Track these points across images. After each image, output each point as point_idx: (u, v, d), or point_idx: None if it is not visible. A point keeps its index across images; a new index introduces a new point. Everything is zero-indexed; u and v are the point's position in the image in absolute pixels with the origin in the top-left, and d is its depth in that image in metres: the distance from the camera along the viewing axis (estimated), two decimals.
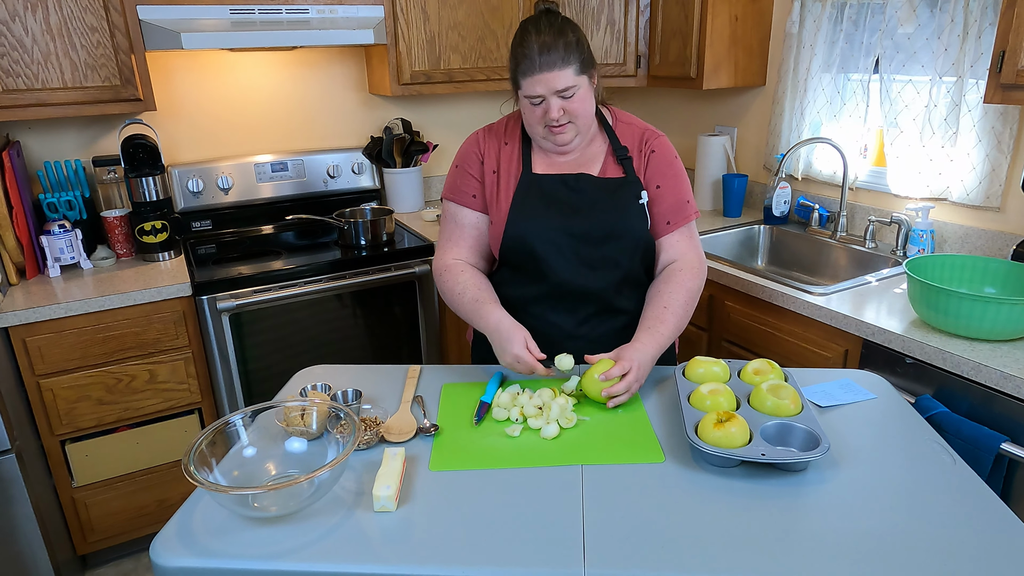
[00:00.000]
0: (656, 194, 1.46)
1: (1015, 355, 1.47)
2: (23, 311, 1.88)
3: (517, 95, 1.40)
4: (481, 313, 1.38)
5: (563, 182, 1.44)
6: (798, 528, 0.95)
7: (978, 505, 0.99)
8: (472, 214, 1.50)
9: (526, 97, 1.37)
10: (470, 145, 1.51)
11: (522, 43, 1.34)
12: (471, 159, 1.50)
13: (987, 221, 2.00)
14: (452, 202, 1.52)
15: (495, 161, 1.49)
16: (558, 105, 1.35)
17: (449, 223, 1.53)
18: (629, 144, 1.47)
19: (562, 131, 1.39)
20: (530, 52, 1.32)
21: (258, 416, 1.14)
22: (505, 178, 1.47)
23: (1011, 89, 1.58)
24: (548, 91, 1.33)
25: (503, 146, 1.49)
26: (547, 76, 1.31)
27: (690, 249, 1.47)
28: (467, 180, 1.50)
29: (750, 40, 2.48)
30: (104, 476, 2.11)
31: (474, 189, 1.49)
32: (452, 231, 1.52)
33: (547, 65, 1.31)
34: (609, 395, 1.26)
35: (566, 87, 1.33)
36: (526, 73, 1.33)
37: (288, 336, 2.26)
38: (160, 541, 0.96)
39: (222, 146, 2.64)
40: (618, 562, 0.90)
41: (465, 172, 1.50)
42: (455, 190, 1.51)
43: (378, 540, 0.95)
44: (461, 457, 1.14)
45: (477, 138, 1.52)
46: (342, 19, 2.33)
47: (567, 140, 1.41)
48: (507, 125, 1.52)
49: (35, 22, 1.95)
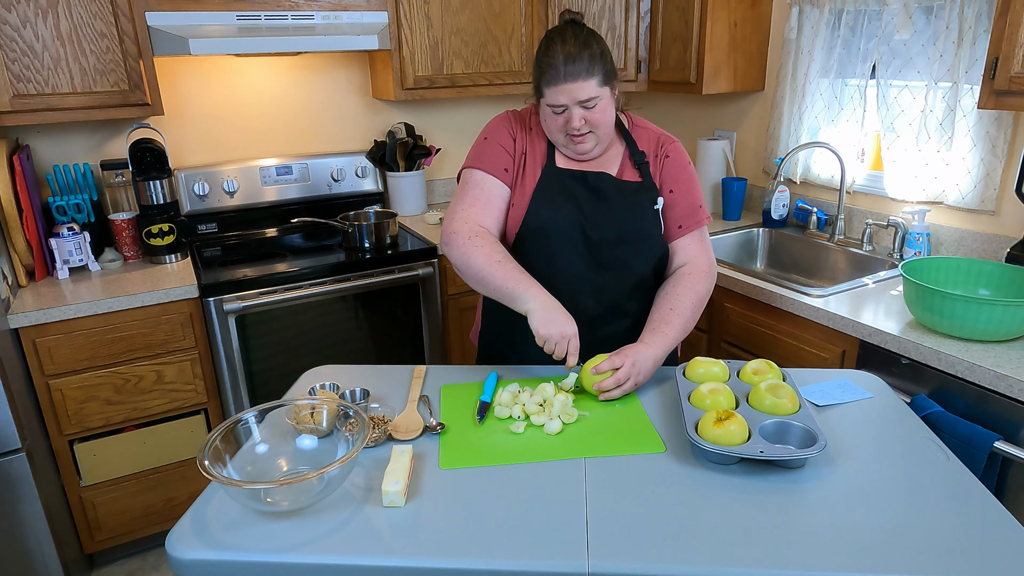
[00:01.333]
0: (669, 198, 1.47)
1: (1008, 355, 1.50)
2: (33, 312, 1.91)
3: (539, 102, 1.41)
4: (525, 284, 1.31)
5: (584, 179, 1.45)
6: (795, 523, 0.98)
7: (971, 500, 1.02)
8: (501, 187, 1.45)
9: (549, 106, 1.37)
10: (502, 121, 1.49)
11: (547, 52, 1.34)
12: (504, 135, 1.47)
13: (982, 224, 2.03)
14: (480, 171, 1.45)
15: (524, 143, 1.48)
16: (580, 115, 1.35)
17: (474, 189, 1.44)
18: (646, 149, 1.49)
19: (583, 140, 1.40)
20: (555, 62, 1.32)
21: (269, 414, 1.17)
22: (532, 164, 1.46)
23: (1004, 95, 1.61)
24: (571, 101, 1.34)
25: (529, 132, 1.49)
26: (571, 87, 1.32)
27: (701, 253, 1.48)
28: (500, 154, 1.45)
29: (749, 46, 2.51)
30: (112, 475, 2.14)
31: (507, 163, 1.45)
32: (477, 197, 1.43)
33: (571, 76, 1.32)
34: (599, 389, 1.28)
35: (589, 98, 1.34)
36: (550, 83, 1.34)
37: (293, 337, 2.29)
38: (175, 534, 0.99)
39: (228, 150, 2.67)
40: (621, 554, 0.92)
41: (498, 145, 1.46)
42: (485, 160, 1.45)
43: (387, 534, 0.98)
44: (469, 454, 1.17)
45: (507, 117, 1.49)
46: (347, 25, 2.37)
47: (587, 149, 1.42)
48: (531, 115, 1.51)
49: (46, 28, 1.98)
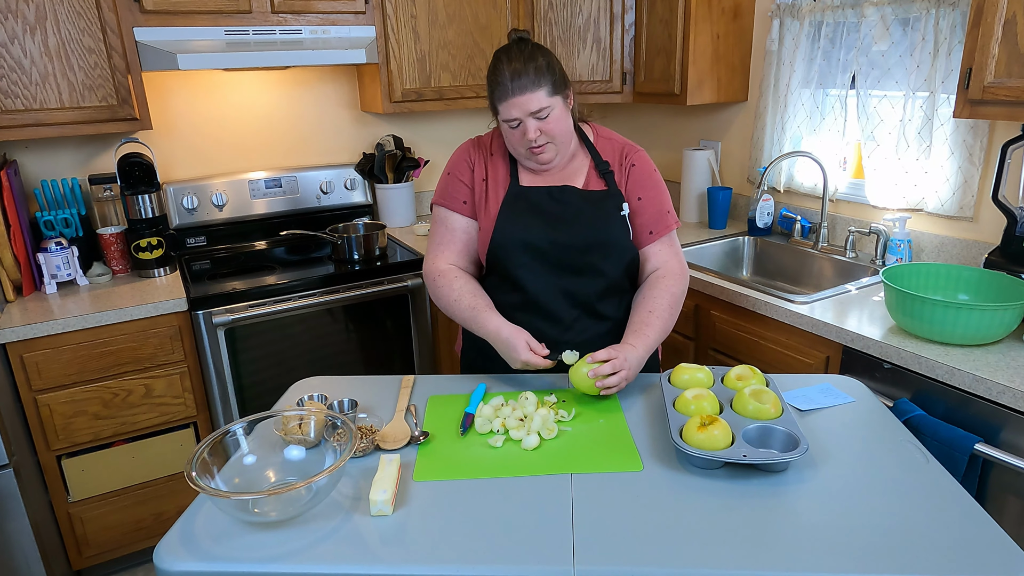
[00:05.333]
0: (638, 206, 1.52)
1: (987, 359, 1.52)
2: (20, 327, 1.91)
3: (497, 120, 1.46)
4: (479, 320, 1.44)
5: (548, 194, 1.50)
6: (778, 525, 0.99)
7: (950, 502, 1.04)
8: (463, 219, 1.56)
9: (504, 121, 1.43)
10: (461, 153, 1.57)
11: (495, 71, 1.41)
12: (462, 167, 1.56)
13: (961, 231, 2.06)
14: (443, 207, 1.57)
15: (484, 170, 1.55)
16: (535, 126, 1.41)
17: (440, 227, 1.57)
18: (610, 159, 1.54)
19: (542, 151, 1.45)
20: (503, 79, 1.39)
21: (257, 425, 1.18)
22: (493, 187, 1.53)
23: (979, 104, 1.64)
24: (523, 113, 1.39)
25: (490, 157, 1.56)
26: (520, 100, 1.38)
27: (672, 257, 1.54)
28: (458, 187, 1.55)
29: (732, 57, 2.55)
30: (100, 491, 2.13)
31: (465, 195, 1.55)
32: (443, 235, 1.56)
33: (519, 89, 1.37)
34: (597, 377, 1.31)
35: (539, 108, 1.39)
36: (501, 99, 1.40)
37: (283, 350, 2.29)
38: (163, 546, 0.99)
39: (217, 163, 2.68)
40: (607, 558, 0.94)
41: (456, 179, 1.55)
42: (446, 196, 1.56)
43: (375, 543, 0.99)
44: (444, 467, 1.17)
45: (468, 147, 1.58)
46: (335, 39, 2.39)
47: (548, 159, 1.47)
48: (493, 139, 1.58)
49: (34, 44, 1.99)
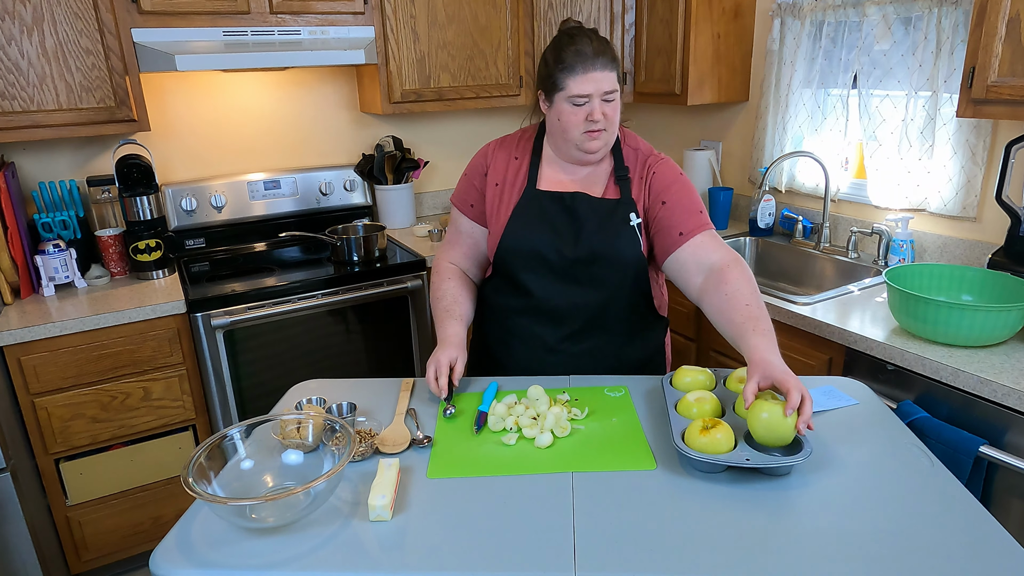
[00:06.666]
0: (663, 210, 1.42)
1: (991, 360, 1.51)
2: (18, 330, 1.89)
3: (551, 100, 1.40)
4: (443, 323, 1.47)
5: (560, 200, 1.45)
6: (782, 530, 0.98)
7: (954, 505, 1.02)
8: (468, 222, 1.58)
9: (573, 96, 1.36)
10: (479, 156, 1.57)
11: (573, 43, 1.36)
12: (477, 170, 1.56)
13: (964, 231, 2.05)
14: (455, 207, 1.61)
15: (501, 174, 1.52)
16: (600, 108, 1.37)
17: (451, 226, 1.62)
18: (631, 165, 1.48)
19: (598, 136, 1.39)
20: (585, 50, 1.35)
21: (255, 430, 1.16)
22: (508, 191, 1.50)
23: (982, 103, 1.63)
24: (597, 91, 1.36)
25: (512, 160, 1.52)
26: (599, 75, 1.35)
27: (718, 248, 1.39)
28: (469, 189, 1.56)
29: (733, 57, 2.54)
30: (98, 494, 2.12)
31: (473, 199, 1.56)
32: (452, 235, 1.62)
33: (601, 66, 1.35)
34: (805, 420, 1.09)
35: (612, 89, 1.37)
36: (578, 72, 1.34)
37: (282, 352, 2.28)
38: (160, 553, 0.98)
39: (215, 165, 2.67)
40: (608, 564, 0.92)
41: (469, 181, 1.57)
42: (459, 196, 1.59)
43: (374, 548, 0.97)
44: (458, 465, 1.16)
45: (487, 150, 1.56)
46: (333, 40, 2.38)
47: (599, 147, 1.41)
48: (520, 139, 1.54)
49: (31, 46, 1.98)
